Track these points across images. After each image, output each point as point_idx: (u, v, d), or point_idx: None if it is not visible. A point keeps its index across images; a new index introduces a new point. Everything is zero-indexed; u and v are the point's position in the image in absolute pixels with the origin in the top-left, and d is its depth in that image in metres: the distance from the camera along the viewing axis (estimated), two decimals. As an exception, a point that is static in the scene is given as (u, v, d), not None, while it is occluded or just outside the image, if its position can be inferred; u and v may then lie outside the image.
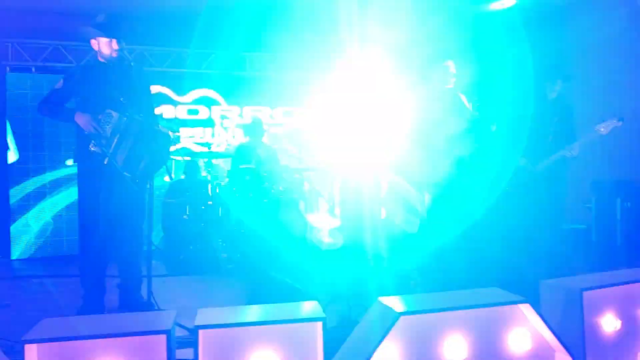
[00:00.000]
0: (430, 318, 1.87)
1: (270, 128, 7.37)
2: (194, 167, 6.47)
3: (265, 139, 6.61)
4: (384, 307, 1.91)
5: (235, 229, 5.70)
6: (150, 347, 1.70)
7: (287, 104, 7.65)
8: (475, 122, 4.02)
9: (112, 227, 3.61)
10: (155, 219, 6.33)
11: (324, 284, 4.55)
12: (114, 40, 3.50)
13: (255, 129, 6.23)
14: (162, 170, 3.86)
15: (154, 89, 5.97)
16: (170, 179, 3.54)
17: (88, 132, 3.35)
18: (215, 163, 6.73)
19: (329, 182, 6.00)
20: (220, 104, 7.35)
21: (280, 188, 5.62)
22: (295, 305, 2.16)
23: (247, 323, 1.79)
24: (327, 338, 1.82)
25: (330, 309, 2.73)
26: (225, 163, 6.92)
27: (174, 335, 1.79)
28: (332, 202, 6.04)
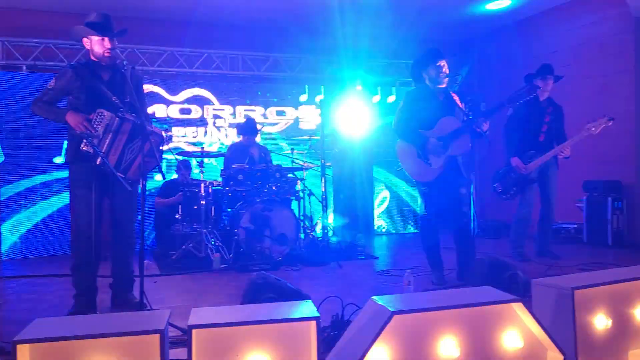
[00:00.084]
0: (423, 317, 1.88)
1: (264, 127, 7.37)
2: (187, 166, 6.46)
3: (258, 139, 6.61)
4: (377, 306, 1.92)
5: (228, 229, 5.70)
6: (144, 347, 1.70)
7: (280, 104, 7.66)
8: (468, 121, 4.02)
9: (104, 227, 3.60)
10: (148, 219, 6.34)
11: (318, 283, 4.56)
12: (106, 39, 3.48)
13: (249, 129, 6.22)
14: (154, 170, 3.85)
15: (146, 89, 5.94)
16: (163, 179, 3.52)
17: (80, 132, 3.34)
18: (208, 162, 6.72)
19: (322, 180, 5.99)
20: (213, 104, 7.34)
21: (274, 187, 5.61)
22: (289, 305, 2.16)
23: (240, 323, 1.79)
24: (320, 337, 1.83)
25: (324, 308, 2.73)
26: (218, 162, 6.91)
27: (167, 335, 1.79)
28: (324, 201, 6.04)
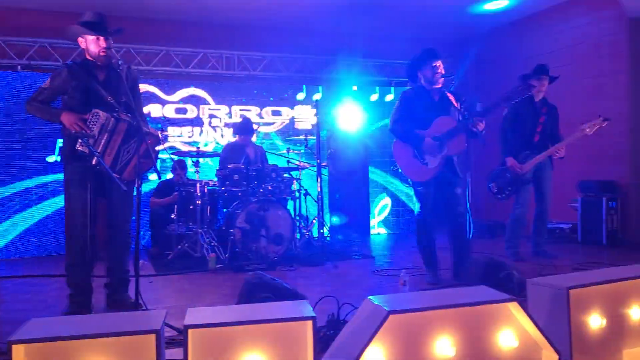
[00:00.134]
0: (419, 317, 1.88)
1: (259, 127, 7.37)
2: (182, 166, 6.45)
3: (254, 138, 6.60)
4: (373, 305, 1.92)
5: (224, 229, 5.69)
6: (140, 347, 1.69)
7: (276, 103, 7.66)
8: (464, 121, 4.03)
9: (99, 226, 3.60)
10: (143, 219, 6.32)
11: (314, 283, 4.57)
12: (101, 38, 3.47)
13: (244, 128, 6.21)
14: (150, 170, 3.84)
15: (142, 88, 5.93)
16: (158, 178, 3.52)
17: (75, 132, 3.33)
18: (203, 162, 6.71)
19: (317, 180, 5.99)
20: (209, 103, 7.33)
21: (270, 187, 5.61)
22: (285, 305, 2.16)
23: (236, 322, 1.79)
24: (316, 337, 1.83)
25: (320, 308, 2.73)
26: (214, 162, 6.90)
27: (163, 335, 1.79)
28: (320, 201, 6.04)
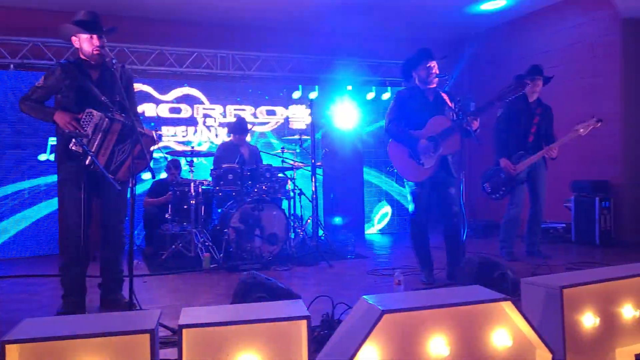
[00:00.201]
0: (414, 316, 1.89)
1: (254, 127, 7.36)
2: (176, 166, 6.44)
3: (249, 138, 6.59)
4: (368, 305, 1.92)
5: (218, 228, 5.68)
6: (134, 347, 1.69)
7: (271, 102, 7.65)
8: (458, 120, 4.04)
9: (93, 226, 3.58)
10: (137, 218, 6.31)
11: (308, 283, 4.57)
12: (95, 37, 3.46)
13: (239, 128, 6.21)
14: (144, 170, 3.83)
15: (136, 87, 5.91)
16: (152, 178, 3.51)
17: (68, 132, 3.31)
18: (197, 162, 6.70)
19: (312, 180, 6.00)
20: (203, 103, 7.32)
21: (264, 187, 5.60)
22: (279, 304, 2.16)
23: (231, 322, 1.79)
24: (311, 336, 1.83)
25: (314, 308, 2.74)
26: (208, 162, 6.89)
27: (158, 335, 1.78)
28: (315, 200, 6.04)
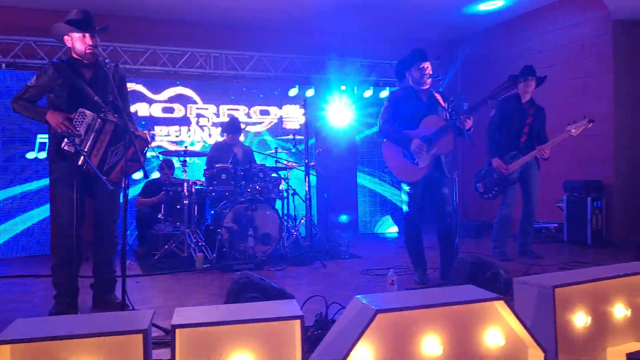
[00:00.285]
0: (407, 315, 1.89)
1: (247, 127, 7.36)
2: (170, 165, 6.42)
3: (242, 138, 6.59)
4: (361, 304, 1.92)
5: (211, 228, 5.67)
6: (127, 347, 1.68)
7: (265, 102, 7.65)
8: (452, 121, 4.06)
9: (85, 226, 3.57)
10: (130, 218, 6.28)
11: (302, 283, 4.57)
12: (87, 35, 3.44)
13: (232, 128, 6.20)
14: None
15: (129, 87, 5.90)
16: (145, 178, 3.50)
17: (61, 131, 3.30)
18: (190, 162, 6.68)
19: (305, 180, 6.00)
20: (196, 103, 7.30)
21: (257, 187, 5.60)
22: (273, 304, 2.16)
23: (224, 322, 1.78)
24: (304, 336, 1.83)
25: (308, 308, 2.74)
26: (202, 161, 6.88)
27: (151, 335, 1.78)
28: (308, 200, 6.04)
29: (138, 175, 6.56)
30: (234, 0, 6.69)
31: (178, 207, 5.76)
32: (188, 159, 6.01)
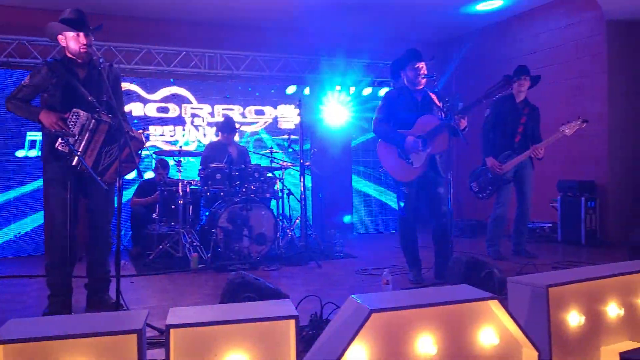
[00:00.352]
0: (402, 315, 1.89)
1: (242, 127, 7.35)
2: (164, 165, 6.40)
3: (237, 138, 6.58)
4: (356, 304, 1.93)
5: (206, 228, 5.66)
6: (121, 347, 1.68)
7: (260, 102, 7.64)
8: (447, 121, 4.07)
9: (79, 226, 3.56)
10: (124, 218, 6.26)
11: (297, 283, 4.57)
12: (81, 34, 3.43)
13: (227, 127, 6.19)
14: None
15: (123, 87, 5.89)
16: (139, 178, 3.49)
17: (55, 131, 3.29)
18: (185, 161, 6.67)
19: (300, 180, 5.99)
20: (191, 102, 7.29)
21: (252, 187, 5.59)
22: (268, 304, 2.16)
23: (219, 322, 1.78)
24: (299, 336, 1.83)
25: (303, 307, 2.74)
26: (196, 161, 6.86)
27: (145, 335, 1.77)
28: (303, 200, 6.04)
29: (131, 175, 6.53)
30: (229, 0, 6.68)
31: (173, 207, 5.75)
32: (183, 159, 5.99)
